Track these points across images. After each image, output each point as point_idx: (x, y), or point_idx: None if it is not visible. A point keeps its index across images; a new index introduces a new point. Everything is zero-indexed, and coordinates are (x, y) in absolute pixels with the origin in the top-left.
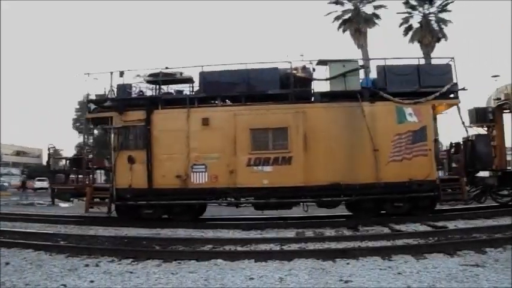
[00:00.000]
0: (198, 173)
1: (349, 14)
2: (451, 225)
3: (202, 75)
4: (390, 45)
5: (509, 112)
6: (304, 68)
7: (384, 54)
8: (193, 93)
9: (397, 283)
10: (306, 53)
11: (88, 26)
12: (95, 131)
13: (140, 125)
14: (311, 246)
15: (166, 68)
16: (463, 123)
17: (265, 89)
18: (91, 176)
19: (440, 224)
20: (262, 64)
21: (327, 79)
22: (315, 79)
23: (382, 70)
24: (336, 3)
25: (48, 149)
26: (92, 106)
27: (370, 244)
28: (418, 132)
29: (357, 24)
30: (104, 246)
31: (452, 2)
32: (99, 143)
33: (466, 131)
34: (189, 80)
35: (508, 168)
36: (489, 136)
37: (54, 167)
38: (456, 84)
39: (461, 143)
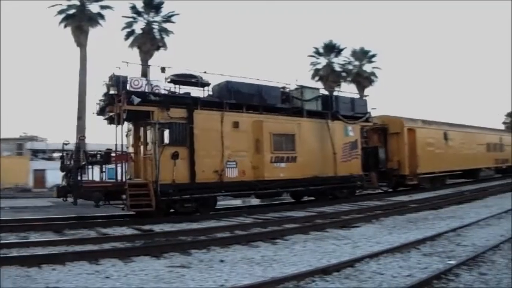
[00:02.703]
0: (230, 169)
1: (74, 10)
2: (157, 228)
3: (230, 84)
4: (111, 47)
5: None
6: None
7: (105, 56)
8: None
9: (105, 287)
10: None
11: None
12: None
13: (183, 123)
14: (15, 252)
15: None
16: (363, 137)
17: (274, 102)
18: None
19: (146, 227)
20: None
21: (308, 100)
22: (303, 99)
23: (336, 98)
24: None
25: (80, 138)
26: (136, 99)
27: (77, 248)
28: (354, 143)
29: (80, 21)
30: None
31: (178, 14)
32: None
33: (371, 143)
34: (207, 85)
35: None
36: (385, 146)
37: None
38: (370, 113)
39: (369, 150)
